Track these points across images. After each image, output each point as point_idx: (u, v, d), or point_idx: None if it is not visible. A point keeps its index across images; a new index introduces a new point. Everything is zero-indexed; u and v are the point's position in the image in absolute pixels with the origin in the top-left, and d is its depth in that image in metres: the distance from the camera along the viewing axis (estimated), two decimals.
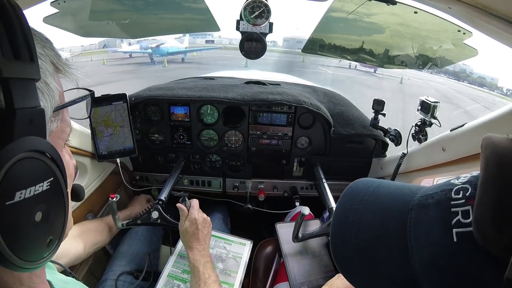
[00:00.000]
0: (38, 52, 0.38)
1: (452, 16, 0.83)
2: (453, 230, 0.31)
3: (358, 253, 0.39)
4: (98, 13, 1.23)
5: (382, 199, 0.41)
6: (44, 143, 0.36)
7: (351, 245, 0.40)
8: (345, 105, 1.67)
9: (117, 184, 1.58)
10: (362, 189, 0.44)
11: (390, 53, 1.26)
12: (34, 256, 0.36)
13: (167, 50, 20.41)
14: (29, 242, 0.35)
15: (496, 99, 20.46)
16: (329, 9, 1.06)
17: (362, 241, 0.39)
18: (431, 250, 0.32)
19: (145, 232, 1.43)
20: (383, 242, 0.37)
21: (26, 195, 0.33)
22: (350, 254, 0.40)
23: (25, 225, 0.34)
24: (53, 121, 0.42)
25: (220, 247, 1.32)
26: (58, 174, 0.39)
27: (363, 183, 0.46)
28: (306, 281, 1.19)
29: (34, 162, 0.35)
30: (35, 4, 0.85)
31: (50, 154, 0.37)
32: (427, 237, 0.33)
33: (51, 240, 0.38)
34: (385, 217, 0.39)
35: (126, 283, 1.19)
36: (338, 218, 0.44)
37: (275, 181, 1.72)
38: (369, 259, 0.38)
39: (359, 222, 0.40)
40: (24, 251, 0.34)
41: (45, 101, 0.39)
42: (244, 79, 1.83)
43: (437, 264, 0.31)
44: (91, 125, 1.27)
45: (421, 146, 1.27)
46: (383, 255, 0.37)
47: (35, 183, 0.35)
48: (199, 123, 1.59)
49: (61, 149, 0.45)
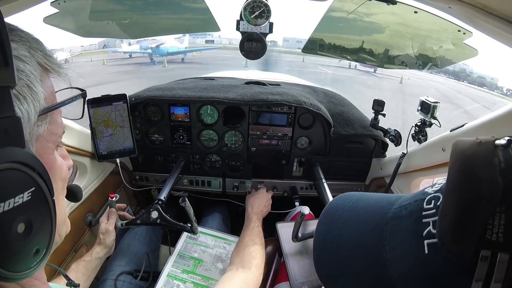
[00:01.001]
0: (22, 55, 0.37)
1: (452, 16, 0.83)
2: (424, 241, 0.30)
3: (339, 270, 0.39)
4: (98, 13, 1.23)
5: (360, 213, 0.41)
6: (22, 153, 0.35)
7: (333, 262, 0.40)
8: (345, 105, 1.67)
9: (117, 184, 1.58)
10: (340, 206, 0.44)
11: (390, 53, 1.26)
12: (20, 267, 0.36)
13: (167, 50, 20.41)
14: (13, 254, 0.34)
15: (496, 99, 20.47)
16: (329, 9, 1.06)
17: (342, 258, 0.39)
18: (406, 262, 0.32)
19: (145, 232, 1.43)
20: (362, 256, 0.37)
21: (5, 207, 0.32)
22: (332, 271, 0.40)
23: (7, 237, 0.33)
24: (40, 125, 0.41)
25: (220, 247, 1.32)
26: (40, 182, 0.37)
27: (342, 199, 0.45)
28: (306, 281, 1.19)
29: (11, 173, 0.34)
30: (35, 4, 0.85)
31: (30, 163, 0.36)
32: (401, 249, 0.33)
33: (37, 250, 0.38)
34: (362, 232, 0.39)
35: (126, 283, 1.19)
36: (319, 236, 0.44)
37: (275, 181, 1.72)
38: (350, 274, 0.38)
39: (339, 239, 0.40)
40: (9, 263, 0.34)
41: (26, 106, 0.37)
42: (244, 79, 1.83)
43: (413, 275, 0.31)
44: (91, 125, 1.27)
45: (421, 146, 1.27)
46: (363, 270, 0.37)
47: (14, 195, 0.33)
48: (199, 123, 1.59)
49: (52, 152, 0.44)
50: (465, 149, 0.28)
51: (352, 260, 0.38)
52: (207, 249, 1.31)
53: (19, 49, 0.38)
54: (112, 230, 1.22)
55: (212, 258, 1.27)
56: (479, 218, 0.25)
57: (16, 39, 0.39)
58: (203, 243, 1.33)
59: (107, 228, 1.21)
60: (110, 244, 1.20)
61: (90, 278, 1.11)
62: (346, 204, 0.43)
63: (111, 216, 1.25)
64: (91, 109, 1.25)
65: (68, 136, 1.19)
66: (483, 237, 0.25)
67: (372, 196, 0.43)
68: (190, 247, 1.30)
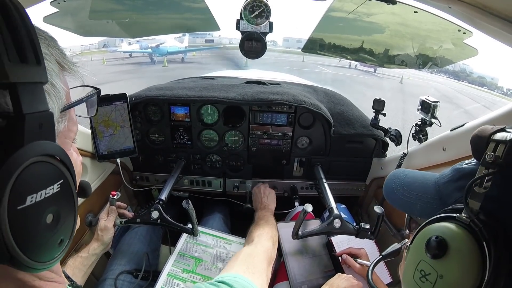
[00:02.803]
0: (44, 53, 0.38)
1: (452, 15, 0.83)
2: (464, 165, 0.53)
3: (401, 187, 0.65)
4: (98, 13, 1.23)
5: (424, 173, 0.66)
6: (54, 147, 0.37)
7: (397, 184, 0.66)
8: (345, 104, 1.67)
9: (117, 184, 1.58)
10: (403, 170, 0.70)
11: (390, 52, 1.26)
12: (46, 257, 0.37)
13: (167, 50, 20.38)
14: (41, 244, 0.36)
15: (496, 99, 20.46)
16: (329, 8, 1.06)
17: (406, 183, 0.65)
18: (450, 175, 0.55)
19: (145, 231, 1.43)
20: (420, 181, 0.62)
21: (37, 198, 0.34)
22: (396, 187, 0.66)
23: (37, 228, 0.34)
24: (60, 122, 0.42)
25: (220, 247, 1.32)
26: (67, 175, 0.39)
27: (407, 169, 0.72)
28: (306, 280, 1.19)
29: (44, 166, 0.35)
30: (35, 4, 0.85)
31: (60, 156, 0.38)
32: (448, 172, 0.56)
33: (62, 240, 0.39)
34: (424, 174, 0.64)
35: (126, 282, 1.19)
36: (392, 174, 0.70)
37: (275, 181, 1.72)
38: (408, 189, 0.63)
39: (406, 176, 0.66)
40: (36, 253, 0.35)
41: (52, 103, 0.39)
42: (244, 79, 1.83)
43: (453, 179, 0.54)
44: (91, 125, 1.27)
45: (421, 146, 1.27)
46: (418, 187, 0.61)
47: (46, 186, 0.35)
48: (199, 123, 1.59)
49: (69, 148, 0.46)
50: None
51: (413, 183, 0.63)
52: (207, 248, 1.31)
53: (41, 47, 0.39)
54: (111, 227, 1.22)
55: (212, 258, 1.27)
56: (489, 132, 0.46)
57: None
58: (203, 243, 1.33)
59: (106, 225, 1.21)
60: (108, 241, 1.21)
61: (86, 274, 1.11)
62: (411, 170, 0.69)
63: (111, 213, 1.26)
64: None
65: None
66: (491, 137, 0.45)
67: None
68: (190, 246, 1.30)
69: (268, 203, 1.47)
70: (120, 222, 1.25)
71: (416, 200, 0.60)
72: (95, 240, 1.19)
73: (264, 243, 1.07)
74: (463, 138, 1.01)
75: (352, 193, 1.75)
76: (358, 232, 1.18)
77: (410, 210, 0.65)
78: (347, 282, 1.06)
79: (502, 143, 0.43)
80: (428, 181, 0.60)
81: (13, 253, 0.32)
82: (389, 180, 0.69)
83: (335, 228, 1.19)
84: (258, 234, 1.12)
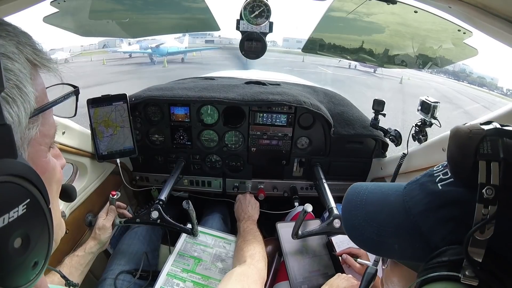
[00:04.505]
0: (10, 52, 0.35)
1: (452, 15, 0.83)
2: (438, 184, 0.43)
3: (366, 222, 0.51)
4: (98, 13, 1.23)
5: (382, 186, 0.55)
6: (14, 164, 0.32)
7: (360, 216, 0.52)
8: (345, 105, 1.67)
9: (117, 184, 1.58)
10: (364, 185, 0.57)
11: (390, 52, 1.26)
12: (20, 281, 0.34)
13: (167, 50, 20.40)
14: (12, 270, 0.32)
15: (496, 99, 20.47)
16: (329, 8, 1.06)
17: (368, 212, 0.51)
18: (424, 202, 0.44)
19: (145, 231, 1.43)
20: (386, 210, 0.50)
21: (0, 224, 0.30)
22: (359, 223, 0.51)
23: (4, 254, 0.31)
24: (31, 128, 0.37)
25: (220, 246, 1.32)
26: (35, 193, 0.35)
27: (364, 183, 0.58)
28: (306, 280, 1.19)
29: (4, 187, 0.31)
30: (35, 4, 0.85)
31: (22, 174, 0.33)
32: (419, 195, 0.45)
33: (36, 263, 0.36)
34: (385, 194, 0.52)
35: (125, 282, 1.19)
36: (347, 200, 0.56)
37: (275, 181, 1.72)
38: (376, 224, 0.50)
39: (366, 201, 0.53)
40: (8, 279, 0.32)
41: (16, 110, 0.34)
42: (244, 79, 1.83)
43: (431, 208, 0.43)
44: (91, 125, 1.27)
45: (421, 146, 1.27)
46: (387, 219, 0.49)
47: (8, 210, 0.31)
48: (199, 124, 1.59)
49: (45, 155, 0.42)
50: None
51: (377, 214, 0.50)
52: (207, 248, 1.31)
53: (6, 45, 0.35)
54: (109, 227, 1.22)
55: (212, 258, 1.27)
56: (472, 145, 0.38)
57: (3, 34, 0.35)
58: (203, 243, 1.33)
59: (104, 224, 1.21)
60: (105, 241, 1.20)
61: (83, 273, 1.11)
62: (368, 184, 0.57)
63: (110, 213, 1.26)
64: (91, 109, 1.25)
65: (68, 136, 1.19)
66: (477, 151, 0.37)
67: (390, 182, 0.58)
68: (190, 246, 1.30)
69: (252, 214, 1.43)
70: (120, 221, 1.24)
71: (390, 238, 0.47)
72: (92, 239, 1.19)
73: (257, 264, 1.06)
74: None
75: None
76: None
77: (389, 254, 0.52)
78: (347, 282, 1.06)
79: (494, 161, 0.36)
80: (395, 207, 0.48)
81: None
82: (347, 211, 0.55)
83: (335, 228, 1.19)
84: (250, 254, 1.10)
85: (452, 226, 0.40)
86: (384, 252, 0.52)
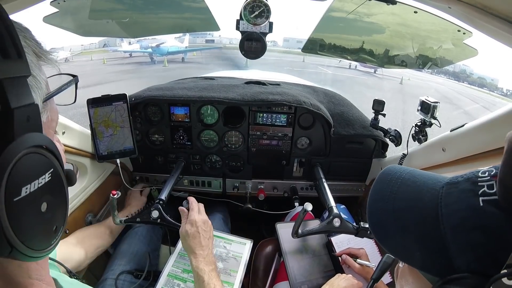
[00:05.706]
0: (22, 45, 0.38)
1: (452, 16, 0.83)
2: (480, 198, 0.36)
3: (392, 219, 0.45)
4: (98, 12, 1.23)
5: (417, 178, 0.47)
6: (42, 137, 0.37)
7: (387, 213, 0.46)
8: (345, 105, 1.67)
9: (117, 184, 1.58)
10: (398, 170, 0.50)
11: (390, 53, 1.26)
12: (43, 245, 0.38)
13: (167, 50, 20.38)
14: (39, 233, 0.37)
15: (496, 100, 20.48)
16: (329, 9, 1.06)
17: (397, 210, 0.45)
18: (460, 215, 0.38)
19: (145, 231, 1.43)
20: (416, 211, 0.43)
21: (31, 189, 0.35)
22: (385, 219, 0.46)
23: (33, 217, 0.36)
24: (43, 113, 0.42)
25: (221, 246, 1.32)
26: (56, 164, 0.40)
27: (399, 167, 0.51)
28: (306, 280, 1.19)
29: (35, 157, 0.36)
30: (34, 4, 0.85)
31: (48, 146, 0.38)
32: (456, 204, 0.39)
33: (56, 228, 0.40)
34: (418, 191, 0.45)
35: (126, 282, 1.20)
36: (375, 190, 0.50)
37: (275, 182, 1.72)
38: (403, 224, 0.44)
39: (396, 195, 0.46)
40: (35, 242, 0.36)
41: (35, 95, 0.39)
42: (244, 79, 1.83)
43: (465, 225, 0.37)
44: (91, 125, 1.27)
45: (421, 146, 1.27)
46: (416, 221, 0.43)
47: (38, 177, 0.36)
48: (199, 124, 1.59)
49: (53, 138, 0.46)
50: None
51: (406, 213, 0.44)
52: None
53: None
54: (142, 198, 1.48)
55: (216, 264, 1.26)
56: None
57: None
58: None
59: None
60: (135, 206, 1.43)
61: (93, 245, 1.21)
62: (404, 170, 0.49)
63: None
64: (91, 109, 1.25)
65: (68, 136, 1.19)
66: None
67: (424, 171, 0.49)
68: None
69: (209, 243, 1.11)
70: (120, 221, 1.25)
71: (414, 242, 0.43)
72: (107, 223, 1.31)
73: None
74: (463, 138, 1.01)
75: (352, 194, 1.75)
76: (358, 231, 1.18)
77: (410, 261, 0.46)
78: (347, 282, 1.06)
79: None
80: (427, 210, 0.41)
81: (14, 245, 0.33)
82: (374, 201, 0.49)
83: (334, 227, 1.19)
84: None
85: (480, 253, 0.35)
86: (403, 256, 0.47)
